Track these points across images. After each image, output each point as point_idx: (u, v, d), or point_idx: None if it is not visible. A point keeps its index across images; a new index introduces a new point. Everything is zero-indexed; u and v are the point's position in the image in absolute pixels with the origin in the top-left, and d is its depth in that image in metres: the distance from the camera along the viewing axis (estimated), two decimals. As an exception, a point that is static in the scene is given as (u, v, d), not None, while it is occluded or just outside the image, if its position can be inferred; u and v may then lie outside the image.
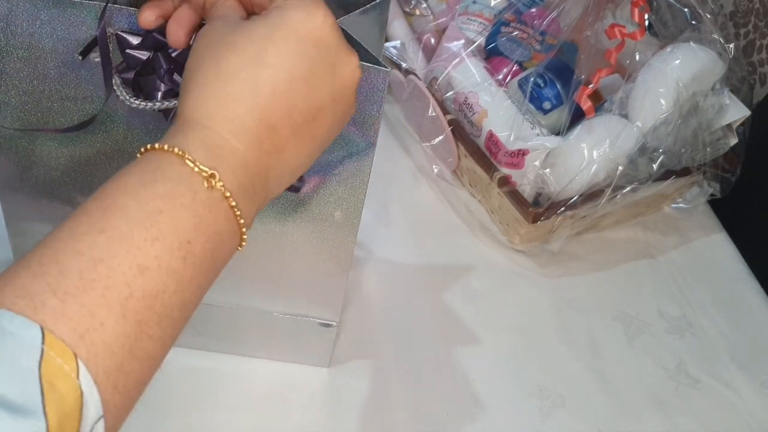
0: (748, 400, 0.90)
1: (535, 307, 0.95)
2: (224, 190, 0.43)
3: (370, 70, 0.56)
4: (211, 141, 0.44)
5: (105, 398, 0.37)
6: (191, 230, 0.42)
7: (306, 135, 0.48)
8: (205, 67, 0.46)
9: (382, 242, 0.97)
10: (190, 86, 0.46)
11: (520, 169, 0.95)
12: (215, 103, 0.45)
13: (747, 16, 1.18)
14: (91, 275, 0.38)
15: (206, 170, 0.43)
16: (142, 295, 0.39)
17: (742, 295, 1.03)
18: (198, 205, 0.42)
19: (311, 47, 0.47)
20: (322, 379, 0.82)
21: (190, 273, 0.42)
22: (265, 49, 0.46)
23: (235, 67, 0.45)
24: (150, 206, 0.41)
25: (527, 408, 0.84)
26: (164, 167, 0.42)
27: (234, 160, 0.44)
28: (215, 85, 0.45)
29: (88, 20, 0.54)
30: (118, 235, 0.39)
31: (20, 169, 0.64)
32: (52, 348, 0.35)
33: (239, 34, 0.46)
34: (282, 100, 0.46)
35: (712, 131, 1.01)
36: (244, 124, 0.45)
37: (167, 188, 0.42)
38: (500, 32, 1.06)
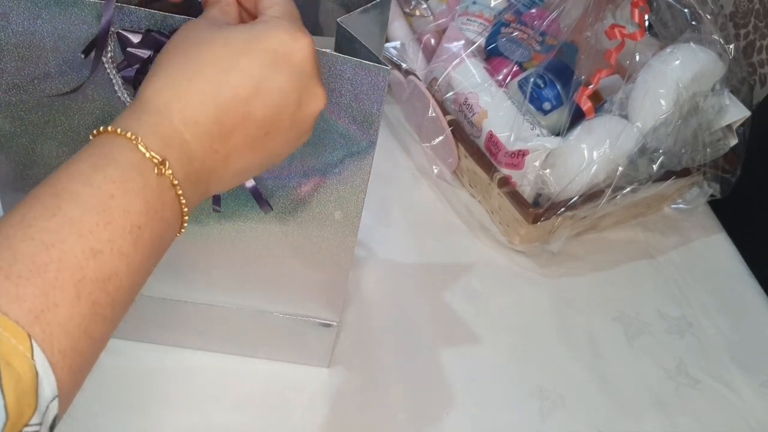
0: (748, 400, 0.90)
1: (535, 307, 0.95)
2: (172, 178, 0.44)
3: (371, 69, 0.56)
4: (162, 129, 0.45)
5: (60, 378, 0.38)
6: (142, 215, 0.43)
7: (256, 147, 0.49)
8: (176, 57, 0.47)
9: (382, 242, 0.97)
10: (156, 71, 0.47)
11: (520, 169, 0.95)
12: (174, 92, 0.46)
13: (747, 16, 1.18)
14: (43, 259, 0.38)
15: (157, 157, 0.44)
16: (95, 277, 0.40)
17: (742, 295, 1.03)
18: (148, 191, 0.43)
19: (285, 68, 0.48)
20: (322, 380, 0.82)
21: (140, 257, 0.43)
22: (239, 54, 0.47)
23: (203, 63, 0.46)
24: (102, 191, 0.41)
25: (527, 408, 0.84)
26: (116, 152, 0.43)
27: (182, 151, 0.45)
28: (179, 76, 0.46)
29: (89, 18, 0.54)
30: (69, 220, 0.40)
31: (20, 169, 0.63)
32: (6, 330, 0.36)
33: (218, 34, 0.48)
34: (240, 107, 0.47)
35: (712, 132, 1.01)
36: (197, 118, 0.46)
37: (119, 173, 0.42)
38: (500, 33, 1.06)
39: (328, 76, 0.56)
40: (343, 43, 0.58)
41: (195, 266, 0.72)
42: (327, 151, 0.61)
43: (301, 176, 0.63)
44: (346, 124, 0.59)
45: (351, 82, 0.56)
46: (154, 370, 0.79)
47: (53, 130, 0.60)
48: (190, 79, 0.46)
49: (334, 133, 0.60)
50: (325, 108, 0.52)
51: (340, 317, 0.77)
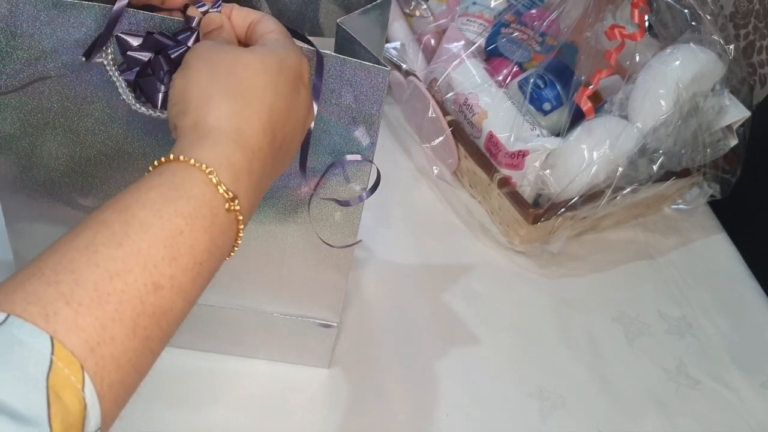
0: (747, 401, 0.90)
1: (535, 307, 0.95)
2: (238, 214, 0.44)
3: (371, 70, 0.56)
4: (236, 160, 0.45)
5: (105, 410, 0.38)
6: (205, 252, 0.43)
7: (282, 163, 0.52)
8: (220, 80, 0.47)
9: (382, 243, 0.97)
10: (212, 94, 0.46)
11: (520, 170, 0.95)
12: (241, 118, 0.46)
13: (747, 17, 1.18)
14: (106, 288, 0.38)
15: (229, 194, 0.43)
16: (153, 312, 0.40)
17: (742, 295, 1.03)
18: (215, 228, 0.43)
19: (302, 87, 0.51)
20: (322, 380, 0.82)
21: (197, 291, 0.43)
22: (278, 78, 0.48)
23: (254, 87, 0.47)
24: (172, 225, 0.41)
25: (527, 408, 0.84)
26: (189, 184, 0.43)
27: (249, 182, 0.45)
28: (240, 101, 0.46)
29: (88, 21, 0.54)
30: (136, 251, 0.39)
31: (20, 170, 0.64)
32: (61, 359, 0.35)
33: (251, 58, 0.48)
34: (282, 128, 0.48)
35: (712, 132, 1.01)
36: (260, 142, 0.46)
37: (190, 208, 0.42)
38: (500, 33, 1.06)
39: (328, 77, 0.56)
40: (343, 44, 0.58)
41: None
42: (327, 152, 0.61)
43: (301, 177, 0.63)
44: (346, 125, 0.59)
45: (351, 83, 0.56)
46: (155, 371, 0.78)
47: (53, 132, 0.60)
48: (248, 103, 0.46)
49: (334, 133, 0.60)
50: (325, 109, 0.54)
51: (340, 318, 0.77)
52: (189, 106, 0.46)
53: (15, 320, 0.35)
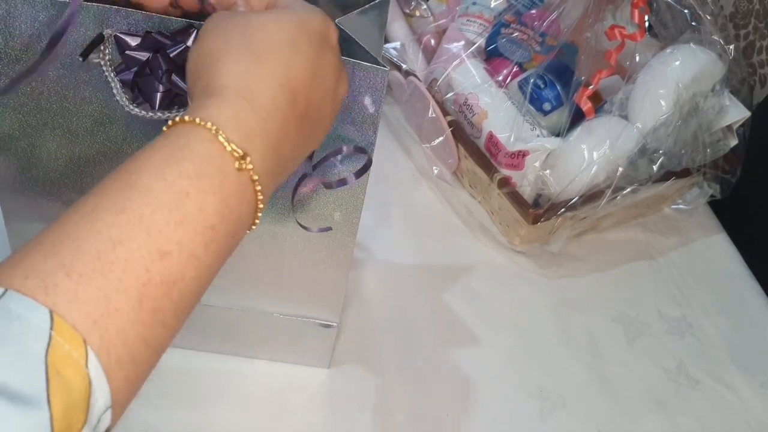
0: (748, 401, 0.90)
1: (535, 308, 0.95)
2: (252, 173, 0.41)
3: (369, 70, 0.56)
4: (246, 117, 0.42)
5: (114, 387, 0.36)
6: (217, 216, 0.40)
7: (312, 132, 0.48)
8: (234, 42, 0.45)
9: (382, 243, 0.97)
10: (219, 57, 0.44)
11: (520, 170, 0.95)
12: (253, 76, 0.43)
13: (747, 17, 1.18)
14: (108, 257, 0.36)
15: (238, 151, 0.41)
16: (161, 281, 0.37)
17: (743, 296, 1.03)
18: (225, 189, 0.40)
19: (329, 50, 0.47)
20: (322, 380, 0.82)
21: (210, 259, 0.40)
22: (297, 37, 0.45)
23: (268, 46, 0.44)
24: (176, 187, 0.38)
25: (527, 409, 0.84)
26: (193, 143, 0.40)
27: (265, 141, 0.43)
28: (250, 60, 0.44)
29: (86, 21, 0.54)
30: (139, 216, 0.37)
31: (20, 170, 0.64)
32: (61, 334, 0.33)
33: (266, 18, 0.46)
34: (305, 90, 0.45)
35: (712, 132, 1.01)
36: (277, 101, 0.43)
37: (196, 168, 0.39)
38: (500, 33, 1.06)
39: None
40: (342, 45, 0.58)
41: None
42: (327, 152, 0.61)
43: (300, 177, 0.63)
44: (345, 125, 0.59)
45: (350, 83, 0.56)
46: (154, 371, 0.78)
47: (51, 132, 0.60)
48: (262, 62, 0.44)
49: (333, 134, 0.60)
50: None
51: (340, 318, 0.77)
52: (201, 72, 0.45)
53: (12, 294, 0.33)
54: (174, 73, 0.53)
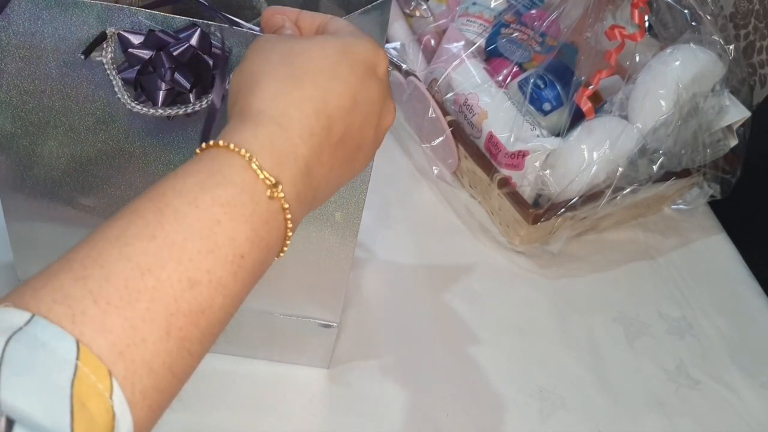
0: (748, 401, 0.90)
1: (535, 308, 0.95)
2: (283, 201, 0.41)
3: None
4: (279, 143, 0.42)
5: (137, 418, 0.35)
6: (246, 243, 0.39)
7: (350, 160, 0.47)
8: (274, 65, 0.45)
9: (382, 243, 0.97)
10: (257, 80, 0.44)
11: (520, 170, 0.95)
12: (289, 101, 0.43)
13: (747, 17, 1.18)
14: (137, 285, 0.35)
15: (271, 179, 0.40)
16: (189, 311, 0.37)
17: (742, 296, 1.03)
18: (257, 218, 0.40)
19: (374, 79, 0.47)
20: (322, 380, 0.82)
21: (239, 288, 0.40)
22: (339, 63, 0.45)
23: (308, 71, 0.44)
24: (208, 214, 0.38)
25: (527, 409, 0.84)
26: (227, 170, 0.40)
27: (297, 168, 0.42)
28: (288, 84, 0.44)
29: (89, 20, 0.54)
30: (170, 244, 0.37)
31: (21, 169, 0.63)
32: (87, 364, 0.33)
33: (312, 43, 0.46)
34: (345, 117, 0.45)
35: (712, 132, 1.01)
36: (312, 126, 0.43)
37: (229, 195, 0.39)
38: (500, 33, 1.07)
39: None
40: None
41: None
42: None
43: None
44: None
45: None
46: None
47: (54, 131, 0.60)
48: (299, 87, 0.44)
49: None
50: None
51: (340, 318, 0.77)
52: (239, 96, 0.45)
53: (40, 321, 0.33)
54: (177, 71, 0.53)
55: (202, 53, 0.54)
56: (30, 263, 0.72)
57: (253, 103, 0.43)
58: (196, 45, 0.53)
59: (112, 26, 0.54)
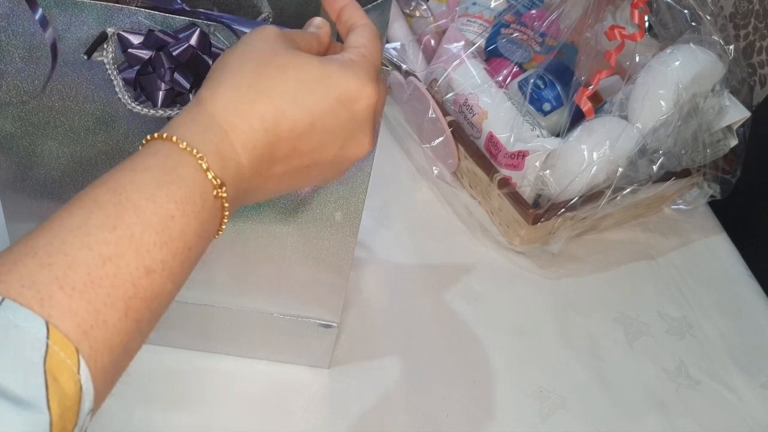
0: (748, 401, 0.90)
1: (535, 308, 0.95)
2: (224, 200, 0.45)
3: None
4: (224, 149, 0.45)
5: (97, 392, 0.38)
6: (194, 237, 0.43)
7: (294, 176, 0.50)
8: (246, 70, 0.47)
9: (382, 243, 0.97)
10: (223, 80, 0.47)
11: (520, 170, 0.95)
12: (239, 112, 0.46)
13: (747, 17, 1.18)
14: (99, 272, 0.38)
15: (218, 180, 0.44)
16: (144, 296, 0.40)
17: (743, 296, 1.03)
18: (204, 213, 0.44)
19: (344, 113, 0.48)
20: (322, 380, 0.82)
21: (185, 274, 0.44)
22: (307, 90, 0.47)
23: (271, 90, 0.46)
24: (164, 210, 0.42)
25: (527, 409, 0.84)
26: (180, 168, 0.43)
27: (236, 173, 0.46)
28: (247, 95, 0.46)
29: (89, 20, 0.54)
30: (129, 235, 0.40)
31: (21, 169, 0.63)
32: (56, 343, 0.36)
33: (294, 61, 0.48)
34: (293, 140, 0.47)
35: (712, 133, 1.01)
36: (255, 142, 0.46)
37: (182, 193, 0.42)
38: (500, 34, 1.07)
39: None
40: (344, 44, 0.58)
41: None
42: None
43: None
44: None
45: None
46: (155, 371, 0.78)
47: (54, 131, 0.60)
48: (255, 101, 0.46)
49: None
50: None
51: (340, 318, 0.77)
52: (207, 81, 0.47)
53: (10, 304, 0.36)
54: (177, 71, 0.53)
55: (201, 53, 0.54)
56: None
57: (208, 105, 0.46)
58: (196, 45, 0.53)
59: (111, 26, 0.54)
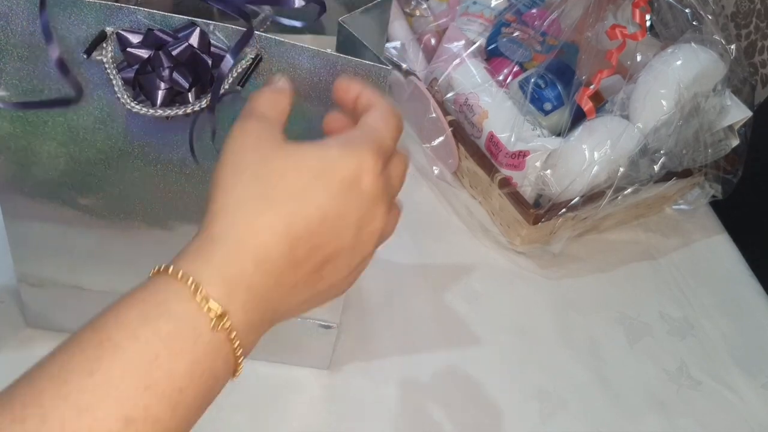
0: (749, 401, 0.90)
1: (535, 308, 0.95)
2: (230, 331, 0.41)
3: (371, 68, 0.55)
4: (231, 271, 0.41)
5: None
6: (186, 377, 0.39)
7: (320, 276, 0.46)
8: (243, 183, 0.44)
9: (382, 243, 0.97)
10: (225, 199, 0.44)
11: (520, 170, 0.95)
12: (247, 228, 0.43)
13: (748, 17, 1.18)
14: (73, 425, 0.36)
15: (216, 310, 0.40)
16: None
17: (744, 296, 1.03)
18: (199, 349, 0.39)
19: (353, 195, 0.45)
20: (322, 381, 0.81)
21: (177, 421, 0.39)
22: (312, 185, 0.44)
23: (276, 196, 0.43)
24: (147, 348, 0.38)
25: (528, 410, 0.84)
26: (171, 301, 0.40)
27: (249, 296, 0.42)
28: (250, 208, 0.43)
29: (89, 19, 0.53)
30: (107, 380, 0.37)
31: (19, 169, 0.63)
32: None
33: (292, 164, 0.44)
34: (311, 238, 0.44)
35: (714, 132, 1.01)
36: (269, 254, 0.42)
37: (170, 327, 0.39)
38: (501, 33, 1.06)
39: (328, 76, 0.56)
40: (345, 43, 0.57)
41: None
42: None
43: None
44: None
45: None
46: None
47: (52, 130, 0.60)
48: (261, 212, 0.43)
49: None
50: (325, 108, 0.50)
51: (340, 319, 0.77)
52: (207, 204, 0.45)
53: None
54: (176, 70, 0.53)
55: (201, 53, 0.53)
56: (29, 263, 0.72)
57: (214, 228, 0.43)
58: (195, 44, 0.53)
59: (111, 25, 0.54)
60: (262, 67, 0.55)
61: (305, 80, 0.56)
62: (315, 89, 0.56)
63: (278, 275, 0.43)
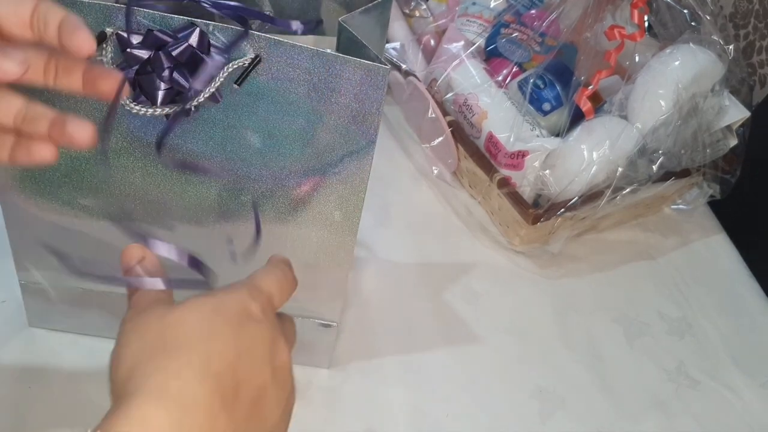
0: (748, 401, 0.90)
1: (535, 308, 0.95)
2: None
3: (370, 68, 0.56)
4: (157, 421, 0.39)
5: None
6: None
7: (256, 416, 0.45)
8: (150, 345, 0.43)
9: (382, 243, 0.97)
10: (132, 361, 0.43)
11: (519, 170, 0.95)
12: (167, 373, 0.41)
13: (746, 17, 1.18)
14: None
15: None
16: None
17: (742, 296, 1.03)
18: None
19: (252, 324, 0.46)
20: (322, 380, 0.81)
21: None
22: (214, 321, 0.44)
23: (184, 338, 0.43)
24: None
25: (527, 409, 0.84)
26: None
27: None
28: (164, 357, 0.42)
29: (89, 20, 0.54)
30: None
31: (20, 169, 0.63)
32: None
33: (183, 310, 0.45)
34: (231, 373, 0.43)
35: (712, 132, 1.01)
36: (195, 393, 0.41)
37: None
38: (500, 34, 1.07)
39: (327, 76, 0.56)
40: (345, 43, 0.58)
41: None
42: (326, 151, 0.61)
43: (300, 176, 0.62)
44: (345, 124, 0.59)
45: (350, 81, 0.56)
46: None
47: (53, 130, 0.60)
48: (174, 357, 0.42)
49: (334, 132, 0.60)
50: (325, 107, 0.50)
51: (340, 318, 0.77)
52: (115, 384, 0.43)
53: None
54: (176, 70, 0.53)
55: (200, 53, 0.54)
56: (29, 264, 0.72)
57: (129, 386, 0.41)
58: (195, 44, 0.53)
59: (110, 26, 0.54)
60: (261, 68, 0.56)
61: (305, 80, 0.56)
62: (315, 89, 0.57)
63: (211, 415, 0.41)
